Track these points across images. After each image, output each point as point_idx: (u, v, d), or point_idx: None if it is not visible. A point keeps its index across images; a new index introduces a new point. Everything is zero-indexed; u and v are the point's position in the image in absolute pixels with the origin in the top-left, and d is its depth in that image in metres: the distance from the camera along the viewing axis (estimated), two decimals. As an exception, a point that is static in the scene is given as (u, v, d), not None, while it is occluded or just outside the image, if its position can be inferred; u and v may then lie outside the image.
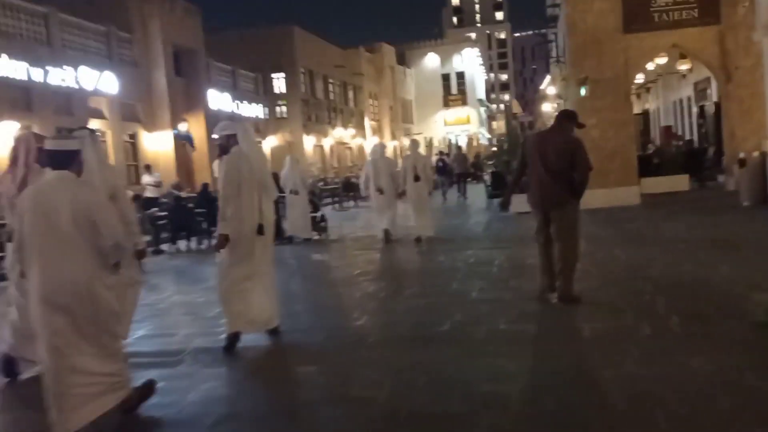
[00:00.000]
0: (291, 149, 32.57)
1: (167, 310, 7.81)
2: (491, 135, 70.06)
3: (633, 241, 10.33)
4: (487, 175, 27.45)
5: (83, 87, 18.61)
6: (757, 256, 8.26)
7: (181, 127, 23.63)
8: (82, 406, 3.88)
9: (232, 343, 5.86)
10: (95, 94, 19.32)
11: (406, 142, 54.15)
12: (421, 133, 56.36)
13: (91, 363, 3.94)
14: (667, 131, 26.71)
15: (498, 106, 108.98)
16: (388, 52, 53.81)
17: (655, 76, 23.74)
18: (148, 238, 11.35)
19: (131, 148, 21.77)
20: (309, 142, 36.07)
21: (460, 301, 7.27)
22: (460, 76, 63.12)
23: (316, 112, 38.36)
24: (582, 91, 16.71)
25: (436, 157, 28.38)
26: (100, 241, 3.88)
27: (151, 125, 22.19)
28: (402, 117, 56.54)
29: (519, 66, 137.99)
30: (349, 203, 24.76)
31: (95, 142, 5.37)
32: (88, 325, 3.93)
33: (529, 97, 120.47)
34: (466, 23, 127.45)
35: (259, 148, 6.58)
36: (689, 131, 24.34)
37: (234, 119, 24.76)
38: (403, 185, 12.42)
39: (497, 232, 13.65)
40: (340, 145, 41.89)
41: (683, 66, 21.74)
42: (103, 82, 19.41)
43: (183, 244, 13.97)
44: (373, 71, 50.02)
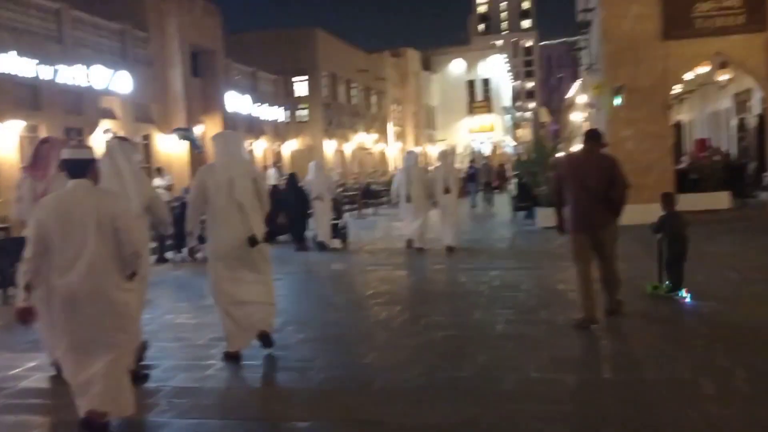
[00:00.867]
0: (311, 154, 31.86)
1: (154, 333, 6.99)
2: (516, 143, 68.81)
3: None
4: (511, 186, 26.52)
5: (94, 86, 17.99)
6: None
7: (196, 129, 22.95)
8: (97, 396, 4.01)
9: (232, 359, 5.74)
10: (107, 93, 18.71)
11: (429, 148, 53.40)
12: (444, 139, 55.43)
13: (104, 364, 4.03)
14: (700, 144, 25.48)
15: (523, 114, 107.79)
16: (413, 57, 52.98)
17: (692, 87, 22.54)
18: (153, 245, 11.01)
19: (144, 150, 21.12)
20: (330, 147, 35.32)
21: (483, 336, 6.35)
22: (486, 82, 62.00)
23: (338, 116, 37.62)
24: (617, 100, 15.69)
25: (464, 164, 27.80)
26: (121, 248, 3.98)
27: (166, 126, 21.55)
28: (425, 123, 55.63)
29: (545, 75, 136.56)
30: (367, 211, 23.91)
31: (126, 151, 5.38)
32: (106, 332, 4.02)
33: (554, 106, 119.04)
34: (492, 30, 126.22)
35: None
36: (727, 145, 23.09)
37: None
38: (435, 195, 12.33)
39: (523, 249, 12.71)
40: (362, 150, 41.10)
41: (723, 76, 20.57)
42: (116, 81, 18.80)
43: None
44: (397, 76, 49.20)
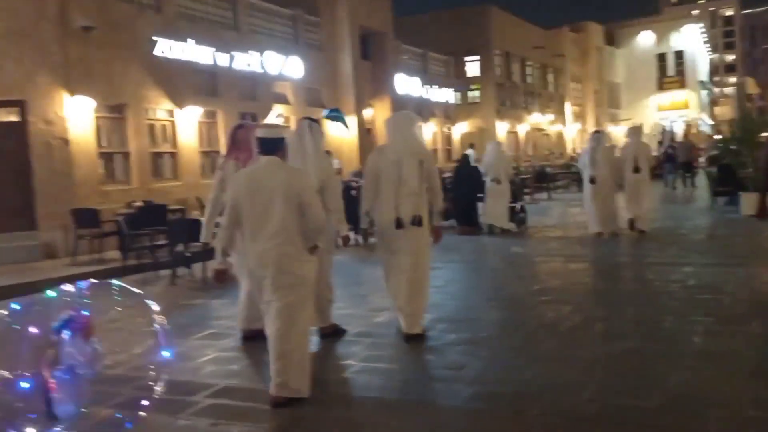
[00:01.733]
0: (482, 136, 30.76)
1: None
2: (714, 121, 62.16)
3: None
4: (707, 168, 23.56)
5: (268, 71, 18.35)
6: None
7: (366, 112, 22.83)
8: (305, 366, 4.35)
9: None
10: (280, 79, 19.03)
11: (612, 128, 49.76)
12: (630, 118, 51.36)
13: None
14: None
15: (722, 90, 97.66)
16: (595, 31, 49.50)
17: None
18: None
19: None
20: (502, 129, 33.91)
21: (676, 351, 5.08)
22: (679, 55, 56.43)
23: (511, 96, 36.02)
24: None
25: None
26: (305, 222, 4.23)
27: (335, 111, 21.62)
28: (608, 102, 51.90)
29: (748, 46, 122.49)
30: (541, 195, 22.43)
31: (314, 131, 5.71)
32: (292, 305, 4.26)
33: (761, 80, 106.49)
34: (686, 0, 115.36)
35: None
36: None
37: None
38: (622, 177, 11.53)
39: (725, 241, 10.81)
40: (537, 131, 39.12)
41: None
42: (288, 66, 19.07)
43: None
44: (576, 52, 46.24)
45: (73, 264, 10.92)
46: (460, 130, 31.63)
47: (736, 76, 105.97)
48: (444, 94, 29.32)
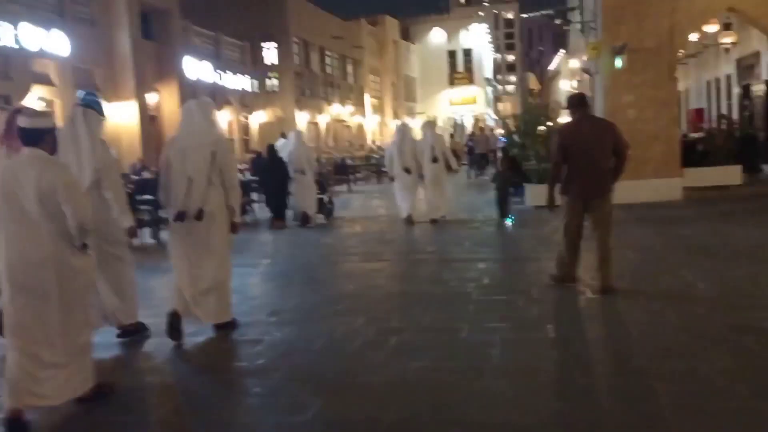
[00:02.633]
0: (281, 126, 29.71)
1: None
2: (498, 117, 66.93)
3: (701, 257, 7.56)
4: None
5: (25, 47, 15.73)
6: None
7: (150, 97, 20.70)
8: (32, 391, 3.88)
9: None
10: (41, 56, 16.45)
11: (410, 121, 51.31)
12: (424, 112, 53.39)
13: (50, 353, 3.92)
14: (696, 115, 23.82)
15: (504, 87, 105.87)
16: (392, 25, 50.64)
17: (690, 51, 20.71)
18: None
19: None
20: (302, 119, 33.13)
21: (473, 369, 4.48)
22: (467, 53, 59.85)
23: (311, 86, 35.37)
24: (618, 62, 13.80)
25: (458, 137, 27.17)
26: (66, 221, 3.87)
27: (113, 94, 19.27)
28: (405, 95, 53.47)
29: (526, 48, 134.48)
30: (341, 188, 21.98)
31: (88, 118, 5.30)
32: (55, 309, 3.89)
33: (539, 77, 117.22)
34: (473, 2, 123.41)
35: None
36: (728, 114, 21.39)
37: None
38: (423, 166, 12.05)
39: (514, 233, 10.88)
40: (338, 122, 38.95)
41: (727, 39, 18.81)
42: (50, 42, 16.53)
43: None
44: (374, 45, 46.91)
45: None
46: (259, 119, 30.32)
47: (516, 75, 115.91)
48: (240, 81, 27.84)
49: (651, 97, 13.77)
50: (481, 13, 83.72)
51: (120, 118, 18.86)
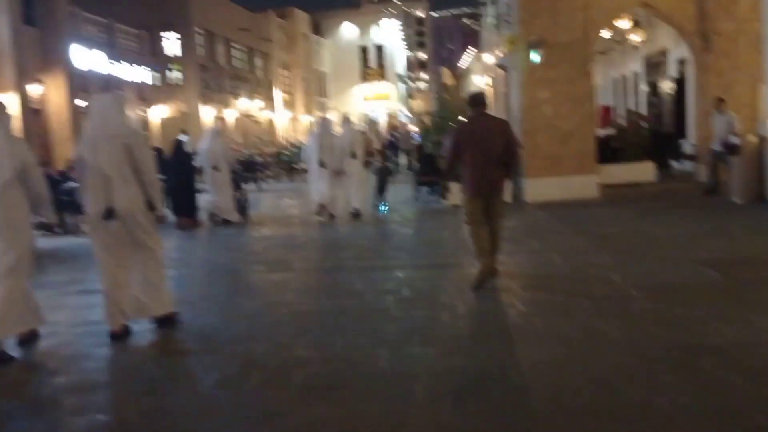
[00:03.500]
0: (185, 120, 28.07)
1: None
2: (411, 113, 66.83)
3: (629, 259, 7.09)
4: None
5: None
6: None
7: (32, 88, 18.74)
8: None
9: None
10: None
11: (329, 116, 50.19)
12: (335, 108, 52.47)
13: None
14: (604, 112, 24.11)
15: (417, 84, 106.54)
16: (302, 18, 49.39)
17: (600, 49, 20.83)
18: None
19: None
20: (208, 113, 31.49)
21: (397, 415, 3.69)
22: (379, 49, 59.38)
23: (217, 79, 33.75)
24: (534, 56, 13.43)
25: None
26: None
27: (-11, 84, 17.34)
28: (317, 90, 52.35)
29: (436, 45, 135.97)
30: (249, 186, 20.71)
31: (2, 116, 5.09)
32: None
33: (453, 72, 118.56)
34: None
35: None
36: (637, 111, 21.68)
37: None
38: (340, 161, 11.92)
39: (432, 236, 10.20)
40: (246, 117, 37.43)
41: (636, 36, 18.97)
42: None
43: None
44: (284, 39, 45.55)
45: None
46: (160, 113, 28.51)
47: (428, 73, 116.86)
48: (137, 73, 25.99)
49: (566, 93, 13.50)
50: (391, 10, 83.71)
51: None
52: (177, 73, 30.22)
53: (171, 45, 30.25)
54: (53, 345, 5.33)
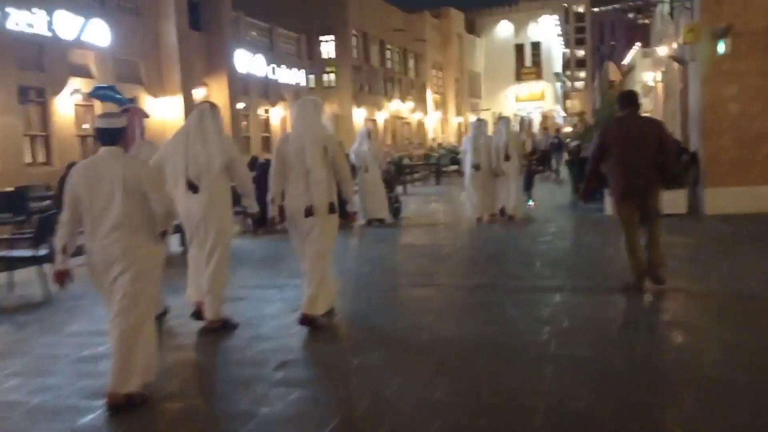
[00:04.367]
0: (337, 122, 28.42)
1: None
2: (566, 114, 63.99)
3: None
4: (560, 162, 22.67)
5: (60, 36, 14.81)
6: None
7: (197, 92, 19.62)
8: (137, 366, 4.08)
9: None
10: (78, 46, 15.52)
11: (472, 118, 49.29)
12: (489, 108, 51.28)
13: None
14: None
15: (573, 84, 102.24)
16: (457, 18, 48.70)
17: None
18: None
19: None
20: (359, 115, 31.72)
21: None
22: (536, 46, 57.31)
23: (370, 81, 33.94)
24: (720, 47, 11.71)
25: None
26: (151, 210, 4.10)
27: (158, 88, 18.32)
28: (469, 91, 51.46)
29: (597, 42, 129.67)
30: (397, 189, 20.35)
31: (214, 115, 5.60)
32: (133, 289, 4.09)
33: (603, 76, 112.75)
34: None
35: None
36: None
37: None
38: (495, 163, 11.77)
39: (596, 253, 8.99)
40: (397, 119, 37.39)
41: None
42: (89, 32, 15.58)
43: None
44: (438, 38, 45.11)
45: None
46: (314, 115, 29.07)
47: (586, 71, 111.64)
48: (294, 76, 26.62)
49: (758, 88, 11.65)
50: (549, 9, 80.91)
51: (165, 114, 17.81)
52: (331, 76, 30.71)
53: (327, 47, 30.78)
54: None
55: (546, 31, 57.79)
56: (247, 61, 22.66)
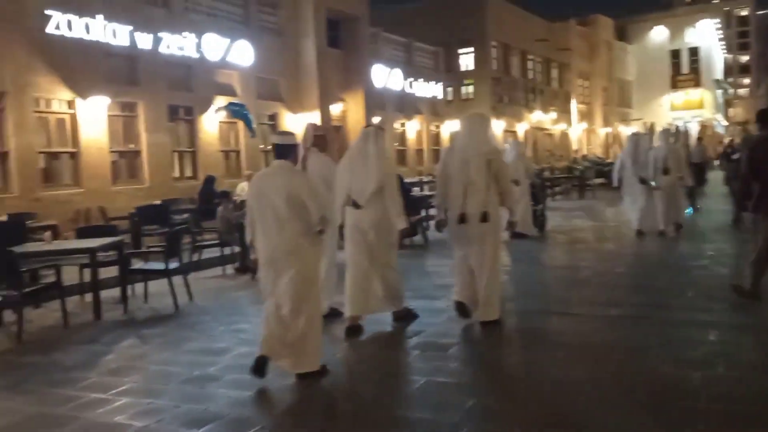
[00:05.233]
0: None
1: None
2: (728, 123, 58.90)
3: None
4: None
5: (207, 57, 15.57)
6: None
7: (334, 107, 19.89)
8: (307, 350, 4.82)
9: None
10: (223, 66, 16.24)
11: (622, 129, 46.67)
12: (641, 118, 48.27)
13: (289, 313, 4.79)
14: None
15: (736, 91, 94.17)
16: (605, 25, 46.38)
17: None
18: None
19: (270, 132, 18.58)
20: (498, 127, 30.92)
21: None
22: (694, 52, 53.19)
23: (510, 92, 33.02)
24: None
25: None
26: (309, 215, 4.76)
27: (297, 105, 18.79)
28: (618, 100, 48.76)
29: (762, 47, 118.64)
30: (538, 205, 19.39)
31: (377, 137, 6.06)
32: (299, 285, 4.76)
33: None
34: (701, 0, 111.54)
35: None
36: None
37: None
38: (653, 176, 11.47)
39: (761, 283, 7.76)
40: (538, 130, 36.13)
41: None
42: (234, 52, 16.28)
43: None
44: (584, 47, 43.17)
45: None
46: (451, 128, 28.71)
47: (750, 78, 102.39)
48: (431, 89, 26.42)
49: None
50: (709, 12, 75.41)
51: (302, 130, 18.19)
52: (470, 88, 30.19)
53: (466, 60, 30.33)
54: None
55: (705, 36, 53.56)
56: (385, 76, 22.75)
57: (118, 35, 13.35)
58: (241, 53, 16.47)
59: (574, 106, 41.13)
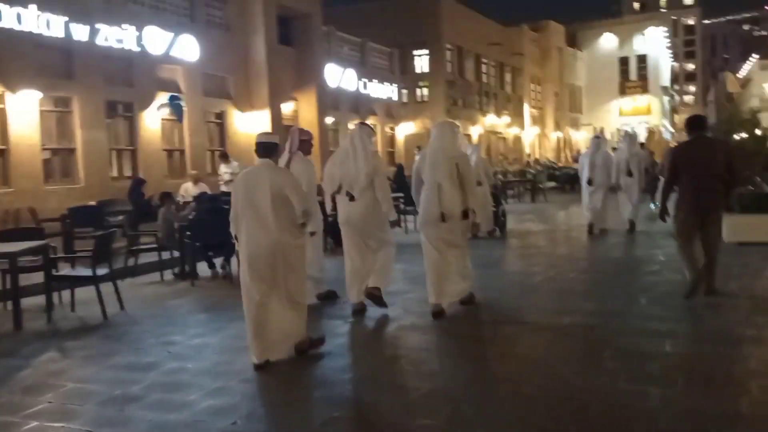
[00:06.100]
0: (429, 137, 27.66)
1: None
2: (674, 129, 60.35)
3: None
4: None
5: (149, 52, 14.89)
6: None
7: (285, 106, 19.38)
8: (274, 342, 5.14)
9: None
10: (167, 61, 15.58)
11: (572, 134, 47.33)
12: (590, 123, 49.09)
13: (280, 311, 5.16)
14: None
15: (682, 98, 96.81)
16: (556, 31, 46.97)
17: None
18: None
19: (218, 131, 17.95)
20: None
21: None
22: (642, 59, 54.42)
23: (464, 95, 33.01)
24: None
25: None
26: (293, 209, 5.06)
27: (246, 103, 18.22)
28: (569, 105, 49.44)
29: (708, 55, 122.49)
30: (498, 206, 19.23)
31: (363, 133, 6.49)
32: (280, 276, 5.10)
33: (720, 88, 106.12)
34: (649, 8, 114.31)
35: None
36: None
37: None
38: (616, 179, 12.16)
39: (718, 287, 7.63)
40: (492, 134, 36.23)
41: None
42: (178, 47, 15.63)
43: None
44: (536, 52, 43.61)
45: None
46: (406, 130, 28.47)
47: (696, 85, 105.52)
48: (386, 90, 26.12)
49: None
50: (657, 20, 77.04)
51: (252, 128, 17.65)
52: (424, 91, 30.02)
53: (420, 62, 30.16)
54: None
55: (653, 44, 54.82)
56: (338, 76, 22.33)
57: (52, 26, 12.61)
58: (186, 48, 15.84)
59: (527, 110, 41.47)
